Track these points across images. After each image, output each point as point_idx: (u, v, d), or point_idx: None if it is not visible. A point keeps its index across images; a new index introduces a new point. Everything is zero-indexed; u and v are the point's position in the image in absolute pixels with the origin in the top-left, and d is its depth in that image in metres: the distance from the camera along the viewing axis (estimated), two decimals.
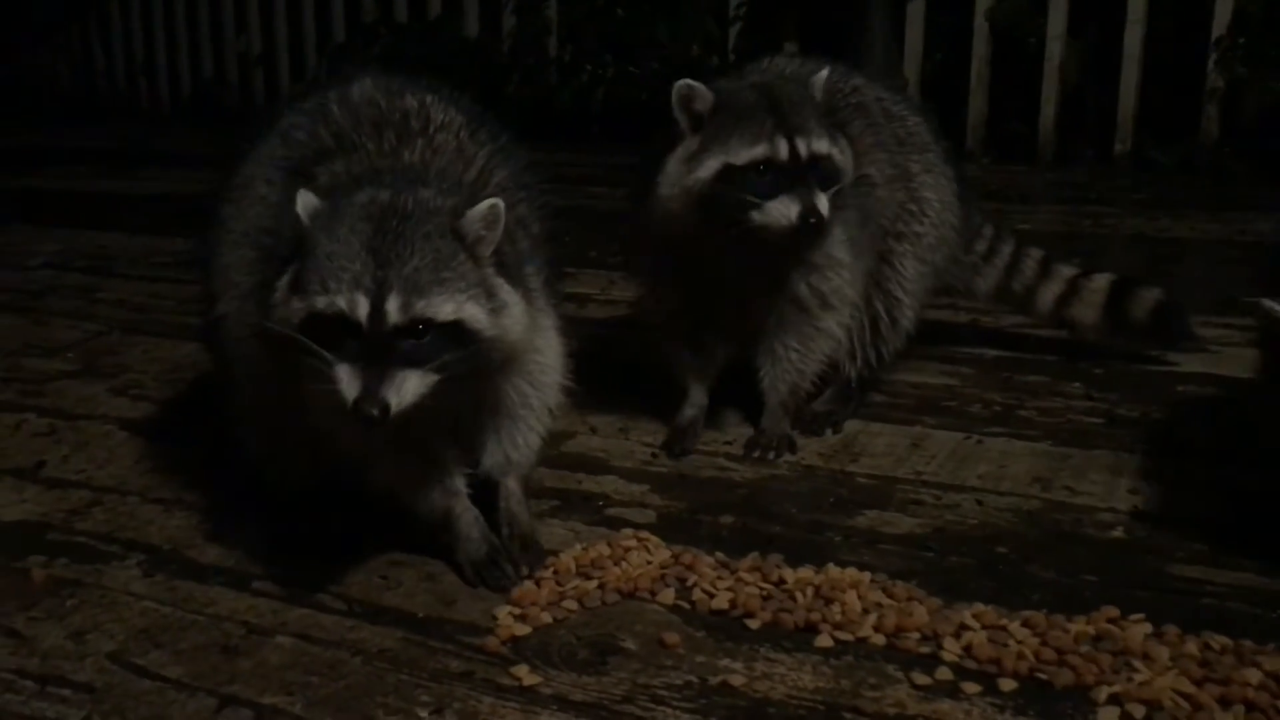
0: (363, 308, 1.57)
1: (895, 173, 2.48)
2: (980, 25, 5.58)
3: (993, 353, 2.84)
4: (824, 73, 2.24)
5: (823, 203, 2.08)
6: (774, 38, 6.10)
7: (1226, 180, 4.94)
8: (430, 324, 1.58)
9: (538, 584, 1.78)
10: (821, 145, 2.14)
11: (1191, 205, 4.54)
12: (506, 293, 1.67)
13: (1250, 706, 1.44)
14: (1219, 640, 1.57)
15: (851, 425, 2.43)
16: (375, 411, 1.53)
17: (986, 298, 2.81)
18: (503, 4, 6.90)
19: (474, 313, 1.62)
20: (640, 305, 2.51)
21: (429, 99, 1.95)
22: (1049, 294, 2.72)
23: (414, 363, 1.57)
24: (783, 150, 2.10)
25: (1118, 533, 1.94)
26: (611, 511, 2.07)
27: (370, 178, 1.73)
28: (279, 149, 1.96)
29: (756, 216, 2.09)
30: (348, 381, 1.55)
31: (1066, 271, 2.73)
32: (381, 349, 1.56)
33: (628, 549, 1.87)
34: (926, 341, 2.83)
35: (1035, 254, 2.76)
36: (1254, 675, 1.48)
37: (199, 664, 1.63)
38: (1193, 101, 5.22)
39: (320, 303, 1.58)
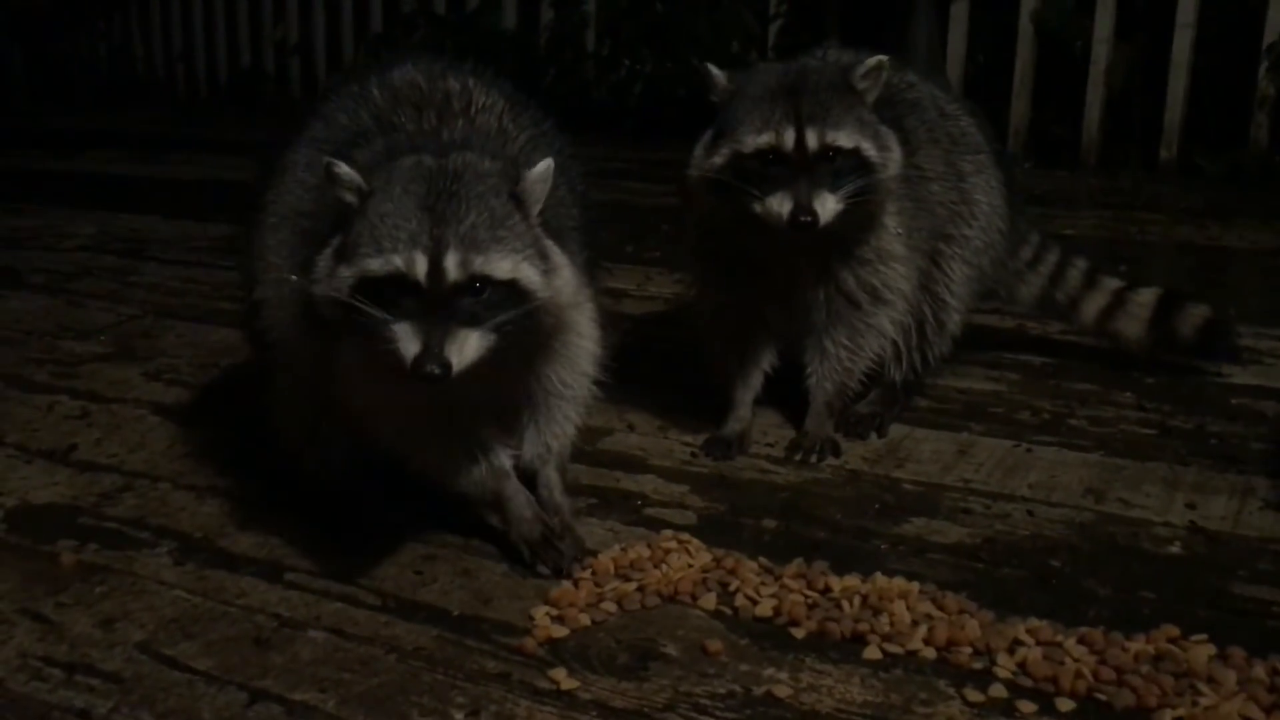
0: (421, 265, 1.54)
1: (947, 171, 2.42)
2: (1025, 27, 5.49)
3: (1040, 359, 2.78)
4: (872, 61, 2.12)
5: (823, 201, 2.00)
6: (815, 34, 6.03)
7: (1276, 189, 4.84)
8: (488, 281, 1.56)
9: (576, 584, 1.73)
10: (838, 136, 2.04)
11: (1241, 213, 4.44)
12: (557, 255, 1.66)
13: None
14: None
15: (896, 430, 2.37)
16: (437, 370, 1.50)
17: (1029, 306, 2.74)
18: None
19: (529, 273, 1.60)
20: (688, 301, 2.46)
21: (471, 82, 1.93)
22: (1093, 306, 2.65)
23: (472, 321, 1.55)
24: (789, 140, 2.02)
25: (1176, 548, 1.87)
26: (650, 511, 2.02)
27: (413, 148, 1.71)
28: (320, 132, 1.94)
29: (757, 208, 2.03)
30: (406, 340, 1.52)
31: (1112, 284, 2.66)
32: (440, 307, 1.53)
33: (668, 551, 1.82)
34: (972, 346, 2.77)
35: (1081, 264, 2.68)
36: None
37: (230, 656, 1.59)
38: (1242, 109, 5.11)
39: (374, 264, 1.56)
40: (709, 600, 1.70)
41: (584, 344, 1.84)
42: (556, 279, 1.64)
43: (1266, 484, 2.09)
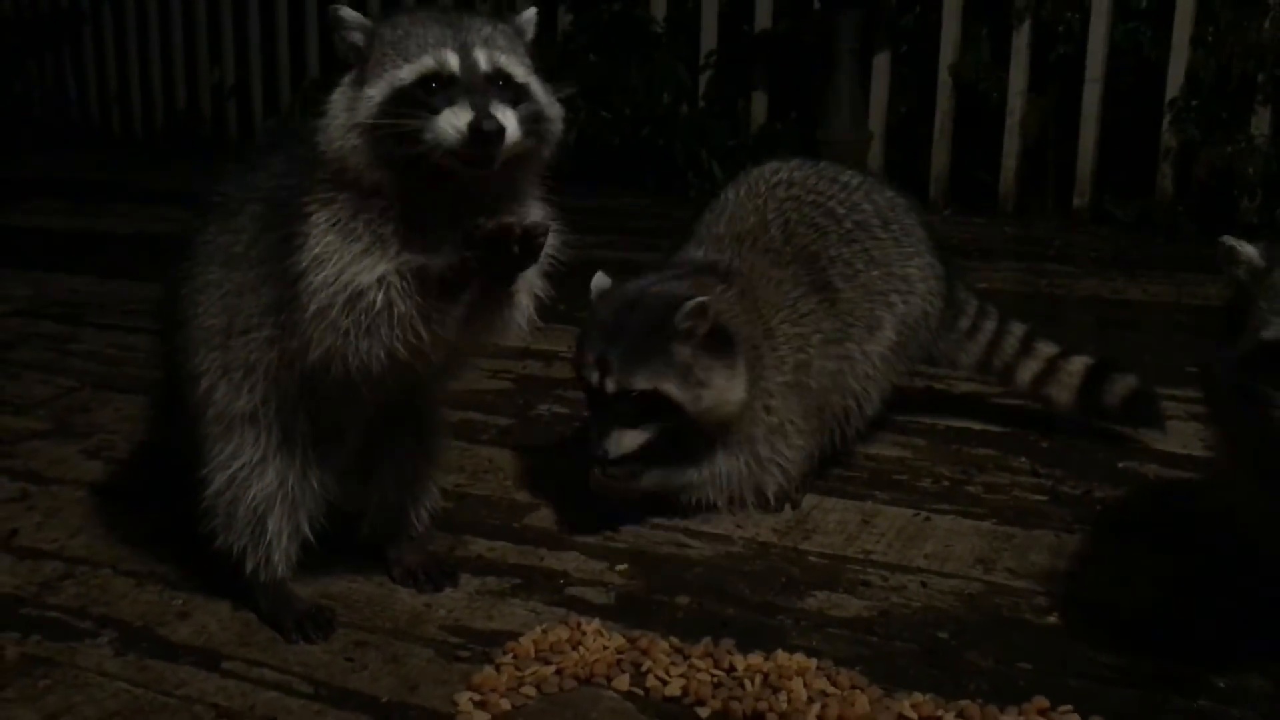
0: (453, 61, 1.75)
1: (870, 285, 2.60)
2: (944, 79, 5.71)
3: (944, 423, 2.94)
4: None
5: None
6: (743, 86, 6.23)
7: (1180, 239, 5.09)
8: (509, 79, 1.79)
9: (498, 669, 1.85)
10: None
11: (1146, 265, 4.67)
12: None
13: None
14: None
15: (808, 500, 2.52)
16: (493, 127, 1.68)
17: (969, 370, 2.92)
18: None
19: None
20: None
21: None
22: (1027, 372, 2.81)
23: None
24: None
25: (1053, 618, 2.03)
26: (572, 590, 2.15)
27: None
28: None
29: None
30: (449, 116, 1.69)
31: (1046, 351, 2.82)
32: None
33: (585, 633, 1.94)
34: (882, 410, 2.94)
35: (1017, 331, 2.85)
36: None
37: None
38: (1149, 160, 5.37)
39: (409, 71, 1.74)
40: (622, 681, 1.83)
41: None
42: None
43: (1141, 550, 2.26)
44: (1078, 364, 2.80)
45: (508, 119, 1.71)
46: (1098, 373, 2.78)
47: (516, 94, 1.78)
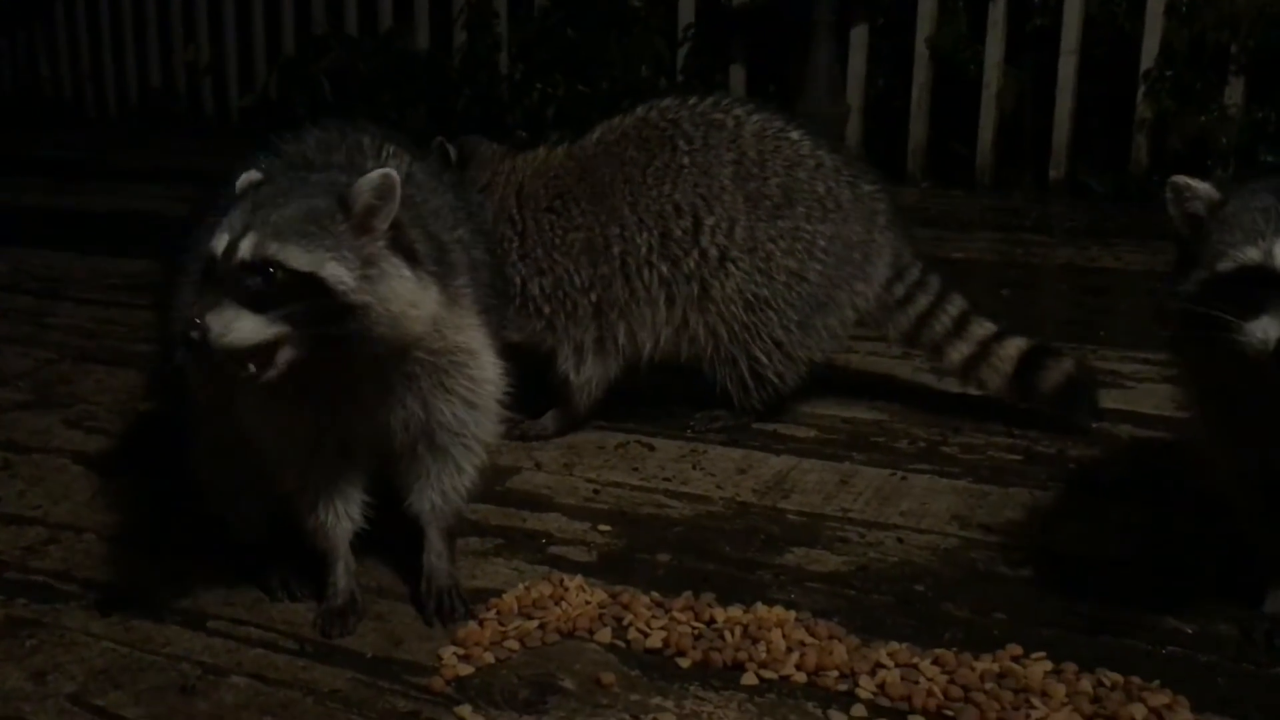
0: (221, 244, 1.63)
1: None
2: (921, 52, 5.73)
3: (922, 386, 2.97)
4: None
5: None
6: (721, 60, 6.24)
7: (1155, 208, 5.12)
8: (281, 268, 1.60)
9: (481, 624, 1.87)
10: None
11: (1121, 234, 4.71)
12: (393, 265, 1.67)
13: None
14: (1111, 677, 1.70)
15: (786, 461, 2.56)
16: (194, 335, 1.56)
17: (897, 342, 2.85)
18: (453, 19, 6.97)
19: (336, 271, 1.62)
20: None
21: (383, 139, 2.06)
22: (957, 354, 2.72)
23: (255, 305, 1.59)
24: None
25: (1027, 571, 2.07)
26: (554, 550, 2.17)
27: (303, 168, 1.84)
28: (229, 193, 2.04)
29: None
30: (179, 313, 1.65)
31: (980, 332, 2.71)
32: (225, 285, 1.60)
33: (568, 588, 1.97)
34: (860, 378, 2.98)
35: (953, 309, 2.74)
36: (1140, 711, 1.62)
37: (157, 705, 1.71)
38: (1124, 131, 5.41)
39: (204, 249, 1.68)
40: (604, 635, 1.86)
41: (477, 373, 1.84)
42: (380, 285, 1.65)
43: (1113, 505, 2.31)
44: (1012, 347, 2.70)
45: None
46: (1033, 357, 2.68)
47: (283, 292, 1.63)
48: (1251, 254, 1.62)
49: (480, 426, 1.91)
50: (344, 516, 1.92)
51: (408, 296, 1.69)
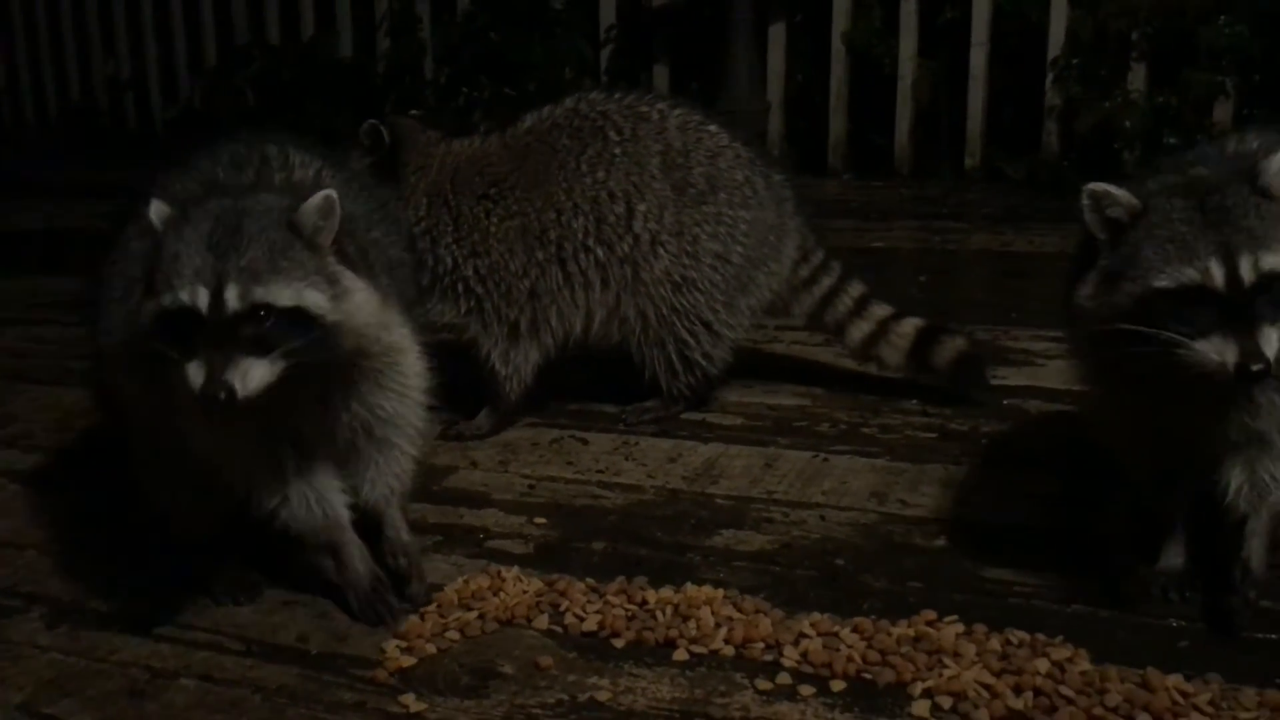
0: (203, 299, 1.67)
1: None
2: (837, 48, 5.87)
3: (843, 372, 3.09)
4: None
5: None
6: (644, 60, 6.33)
7: (1066, 192, 5.30)
8: (271, 309, 1.68)
9: (422, 617, 1.94)
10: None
11: (1034, 218, 4.87)
12: (349, 279, 1.77)
13: (1038, 692, 1.69)
14: (1019, 635, 1.82)
15: (714, 448, 2.66)
16: (221, 394, 1.62)
17: (803, 322, 3.00)
18: (377, 25, 6.98)
19: (315, 298, 1.71)
20: None
21: (289, 147, 2.10)
22: (858, 332, 2.87)
23: (259, 350, 1.67)
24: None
25: (941, 541, 2.18)
26: (492, 544, 2.25)
27: (218, 191, 1.86)
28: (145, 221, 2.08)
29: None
30: (194, 373, 1.65)
31: (879, 312, 2.87)
32: (225, 338, 1.66)
33: (506, 579, 2.04)
34: (784, 364, 3.09)
35: (854, 290, 2.89)
36: (1043, 665, 1.73)
37: (108, 710, 1.76)
38: (1036, 118, 5.59)
39: (166, 299, 1.69)
40: (542, 621, 1.94)
41: (405, 368, 1.94)
42: (347, 302, 1.75)
43: (1023, 476, 2.43)
44: (909, 326, 2.86)
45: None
46: (928, 335, 2.85)
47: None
48: (1190, 274, 1.66)
49: (415, 414, 2.00)
50: (333, 506, 1.97)
51: (367, 307, 1.80)
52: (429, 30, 6.84)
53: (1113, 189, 1.77)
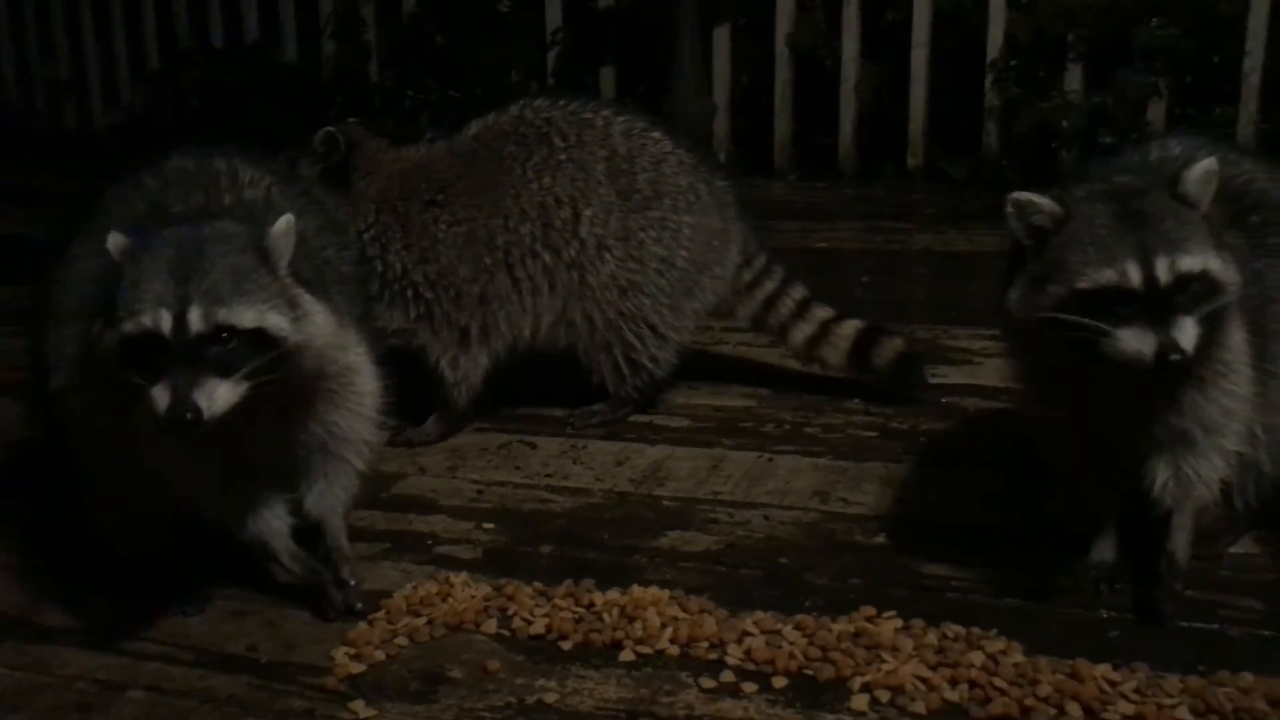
0: (166, 321, 1.69)
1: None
2: (781, 50, 5.93)
3: (788, 372, 3.14)
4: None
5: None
6: (591, 63, 6.36)
7: (1007, 191, 5.39)
8: (234, 331, 1.71)
9: (371, 624, 1.96)
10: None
11: (975, 217, 4.96)
12: (308, 302, 1.80)
13: (973, 684, 1.74)
14: (954, 629, 1.87)
15: (661, 450, 2.69)
16: (188, 416, 1.64)
17: (746, 324, 3.04)
18: (321, 28, 6.95)
19: (276, 321, 1.74)
20: None
21: (237, 162, 2.11)
22: (800, 334, 2.93)
23: (223, 372, 1.69)
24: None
25: (881, 539, 2.24)
26: (440, 550, 2.27)
27: (176, 219, 1.88)
28: (100, 221, 2.08)
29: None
30: (159, 396, 1.66)
31: (821, 314, 2.93)
32: (189, 360, 1.68)
33: (454, 585, 2.07)
34: (731, 368, 3.13)
35: (796, 293, 2.95)
36: (978, 657, 1.79)
37: None
38: (977, 118, 5.69)
39: (128, 326, 1.71)
40: (490, 625, 1.96)
41: (359, 387, 1.98)
42: (307, 324, 1.78)
43: (960, 474, 2.50)
44: (849, 327, 2.93)
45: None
46: (867, 336, 2.91)
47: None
48: (1109, 275, 1.73)
49: (368, 431, 2.04)
50: (278, 518, 2.00)
51: (326, 328, 1.83)
52: (374, 33, 6.81)
53: (1035, 197, 1.84)
